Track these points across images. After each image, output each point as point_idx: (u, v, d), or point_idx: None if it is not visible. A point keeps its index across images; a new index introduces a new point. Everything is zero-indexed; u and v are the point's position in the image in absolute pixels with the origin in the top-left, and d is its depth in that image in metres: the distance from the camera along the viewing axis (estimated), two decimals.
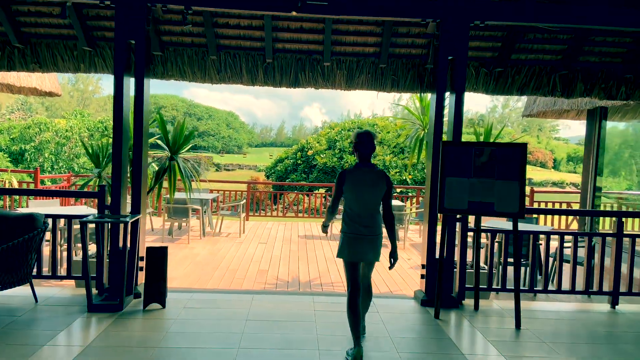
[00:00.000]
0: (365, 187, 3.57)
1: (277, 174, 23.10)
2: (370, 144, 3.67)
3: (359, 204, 3.57)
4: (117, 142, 4.75)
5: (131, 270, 4.69)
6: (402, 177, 20.35)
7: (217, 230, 10.00)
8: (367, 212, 3.58)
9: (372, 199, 3.58)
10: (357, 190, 3.57)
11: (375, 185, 3.58)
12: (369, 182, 3.59)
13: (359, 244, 3.57)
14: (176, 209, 8.73)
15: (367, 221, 3.56)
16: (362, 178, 3.60)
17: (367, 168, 3.65)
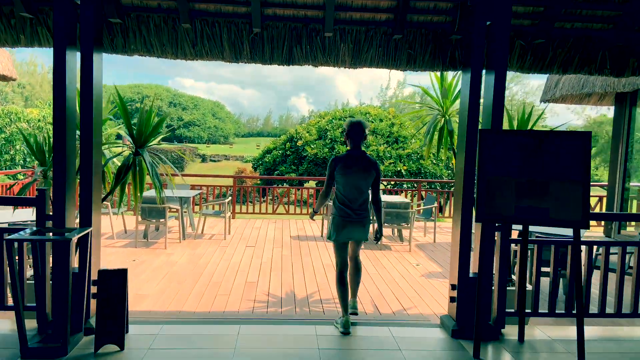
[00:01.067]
0: (355, 173, 3.83)
1: (265, 165, 21.97)
2: (361, 132, 3.95)
3: (349, 189, 3.84)
4: (59, 135, 3.65)
5: (79, 300, 3.62)
6: (396, 168, 19.39)
7: (200, 232, 8.91)
8: (357, 197, 3.85)
9: (362, 184, 3.86)
10: (348, 176, 3.84)
11: (366, 172, 3.85)
12: (360, 168, 3.85)
13: (348, 226, 3.87)
14: (151, 209, 7.61)
15: (357, 205, 3.86)
16: (353, 164, 3.86)
17: (358, 155, 3.90)
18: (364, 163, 3.88)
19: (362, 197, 3.89)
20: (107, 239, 8.16)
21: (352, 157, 3.89)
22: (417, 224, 10.09)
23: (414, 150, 20.06)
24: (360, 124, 3.94)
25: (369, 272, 6.53)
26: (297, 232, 9.40)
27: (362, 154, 3.93)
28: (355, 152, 3.93)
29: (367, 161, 3.90)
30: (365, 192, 3.90)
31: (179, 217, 8.03)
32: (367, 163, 3.89)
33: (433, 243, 8.67)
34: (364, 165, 3.87)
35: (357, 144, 3.94)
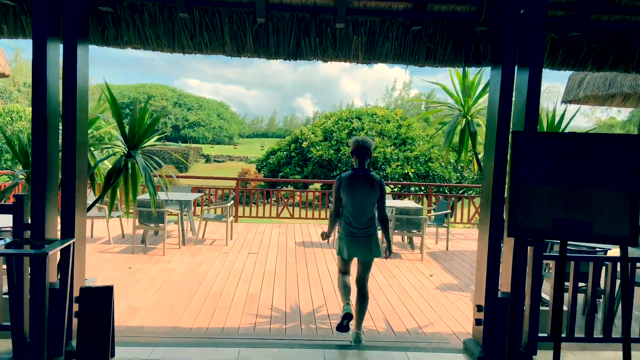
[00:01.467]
0: (360, 192, 3.85)
1: (269, 167, 21.58)
2: (366, 152, 3.95)
3: (354, 208, 3.87)
4: (39, 137, 3.25)
5: (59, 320, 3.22)
6: (404, 170, 18.95)
7: (200, 237, 8.51)
8: (362, 215, 3.87)
9: (367, 203, 3.87)
10: (353, 195, 3.86)
11: (370, 191, 3.87)
12: (364, 187, 3.86)
13: (355, 244, 3.90)
14: (149, 213, 7.22)
15: (362, 223, 3.88)
16: (358, 183, 3.87)
17: (362, 173, 3.92)
18: (368, 182, 3.89)
19: (367, 215, 3.90)
20: (103, 243, 7.77)
21: (356, 176, 3.91)
22: (428, 230, 9.65)
23: (422, 152, 19.62)
24: (365, 144, 3.96)
25: (379, 283, 6.10)
26: (302, 237, 8.99)
27: (367, 173, 3.94)
28: (359, 171, 3.95)
29: (372, 180, 3.90)
30: (370, 211, 3.92)
31: (178, 221, 7.63)
32: (371, 182, 3.89)
33: (446, 251, 8.24)
34: (369, 184, 3.89)
35: (361, 163, 3.97)
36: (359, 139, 3.96)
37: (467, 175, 20.47)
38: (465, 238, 9.61)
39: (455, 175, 19.86)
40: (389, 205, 8.16)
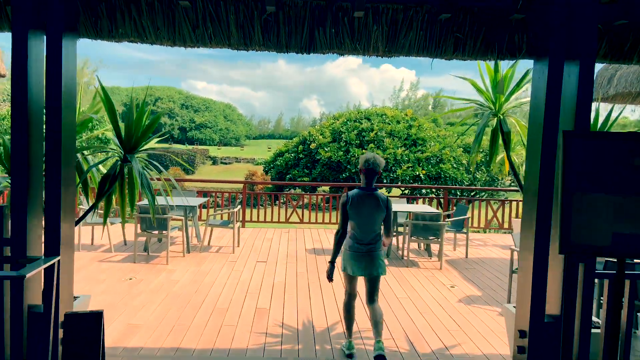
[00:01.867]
0: (366, 212, 3.83)
1: (276, 169, 21.20)
2: (375, 172, 3.91)
3: (361, 227, 3.85)
4: (19, 138, 2.86)
5: (44, 347, 2.82)
6: (415, 172, 18.48)
7: (206, 243, 8.12)
8: (368, 234, 3.86)
9: (373, 222, 3.86)
10: (360, 215, 3.84)
11: (377, 209, 3.85)
12: (371, 206, 3.84)
13: (360, 261, 3.87)
14: (151, 220, 6.83)
15: (368, 241, 3.86)
16: (365, 202, 3.84)
17: (369, 193, 3.88)
18: (374, 201, 3.86)
19: (373, 233, 3.89)
20: (104, 251, 7.40)
21: (363, 195, 3.88)
22: (445, 235, 9.18)
23: (433, 154, 19.14)
24: (375, 167, 3.91)
25: (398, 295, 5.67)
26: (313, 243, 8.57)
27: (373, 192, 3.91)
28: (367, 189, 3.91)
29: (378, 199, 3.87)
30: (376, 229, 3.90)
31: (182, 228, 7.24)
32: (377, 201, 3.87)
33: (465, 259, 7.78)
34: (375, 204, 3.86)
35: (369, 183, 3.93)
36: (370, 160, 3.90)
37: (479, 176, 19.96)
38: (484, 244, 9.14)
39: (468, 177, 19.36)
40: (403, 210, 7.73)
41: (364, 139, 19.41)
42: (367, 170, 3.90)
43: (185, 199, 7.94)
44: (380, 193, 3.93)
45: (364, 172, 3.93)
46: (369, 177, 3.91)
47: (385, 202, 3.88)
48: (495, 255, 8.12)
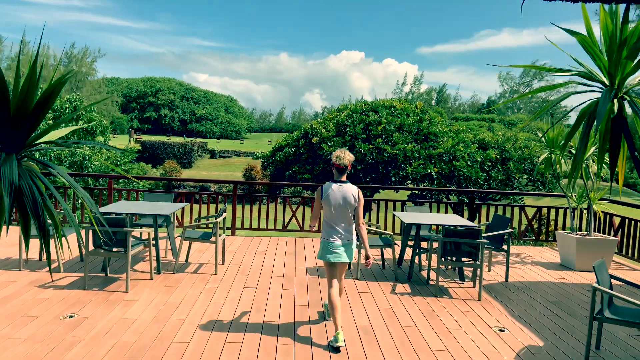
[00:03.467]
0: (339, 202, 4.22)
1: (275, 164, 19.64)
2: (346, 168, 4.28)
3: (334, 216, 4.26)
4: None
5: None
6: (426, 170, 16.90)
7: (183, 260, 6.59)
8: (341, 222, 4.27)
9: (345, 211, 4.24)
10: (333, 205, 4.23)
11: (348, 200, 4.21)
12: (343, 197, 4.22)
13: (335, 248, 4.26)
14: (108, 234, 5.28)
15: (341, 229, 4.27)
16: (338, 193, 4.23)
17: (341, 184, 4.27)
18: (347, 192, 4.22)
19: (345, 222, 4.26)
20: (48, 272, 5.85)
21: (336, 187, 4.24)
22: None
23: (446, 149, 17.54)
24: (345, 164, 4.25)
25: (431, 345, 4.13)
26: (314, 259, 7.03)
27: (345, 183, 4.28)
28: (339, 181, 4.27)
29: (350, 190, 4.24)
30: (348, 218, 4.26)
31: (150, 243, 5.69)
32: (349, 192, 4.23)
33: (505, 283, 6.24)
34: (347, 194, 4.21)
35: (340, 175, 4.27)
36: (341, 156, 4.25)
37: (494, 175, 18.39)
38: (521, 261, 7.59)
39: (483, 175, 17.79)
40: (428, 223, 6.19)
41: (371, 133, 17.83)
42: (337, 165, 4.26)
43: (157, 206, 6.39)
44: (351, 185, 4.28)
45: (335, 167, 4.28)
46: (339, 172, 4.27)
47: (356, 192, 4.25)
48: (540, 278, 6.57)
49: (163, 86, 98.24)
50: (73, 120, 20.27)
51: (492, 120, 68.55)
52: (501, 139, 20.08)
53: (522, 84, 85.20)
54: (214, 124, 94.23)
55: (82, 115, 20.38)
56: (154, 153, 43.23)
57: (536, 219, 8.81)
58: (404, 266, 6.79)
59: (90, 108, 20.92)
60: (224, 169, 42.75)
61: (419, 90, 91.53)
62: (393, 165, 17.26)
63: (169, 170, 37.46)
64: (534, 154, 19.61)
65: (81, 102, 20.65)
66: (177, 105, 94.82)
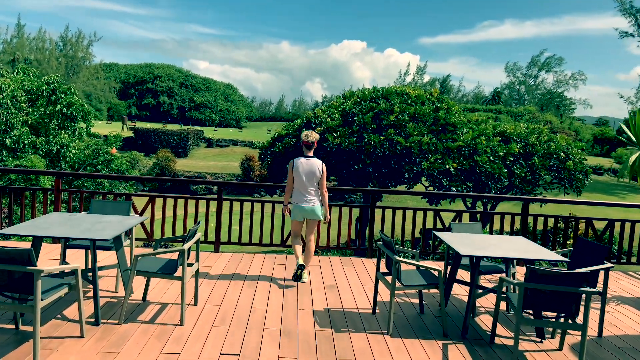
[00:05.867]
0: (307, 173, 5.32)
1: (274, 155, 17.68)
2: (312, 145, 5.43)
3: (302, 184, 5.35)
4: None
5: None
6: (445, 165, 14.95)
7: (140, 298, 4.68)
8: (308, 190, 5.36)
9: (311, 181, 5.35)
10: (302, 175, 5.33)
11: (313, 171, 5.34)
12: (310, 169, 5.33)
13: (304, 209, 5.38)
14: (4, 273, 3.34)
15: (308, 195, 5.37)
16: (305, 166, 5.34)
17: (308, 159, 5.39)
18: (313, 165, 5.35)
19: (311, 188, 5.36)
20: None
21: (304, 161, 5.37)
22: None
23: (465, 142, 15.56)
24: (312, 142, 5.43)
25: None
26: (324, 290, 5.11)
27: (312, 158, 5.42)
28: (307, 156, 5.40)
29: (316, 163, 5.37)
30: (313, 186, 5.38)
31: (79, 285, 3.76)
32: (315, 165, 5.36)
33: (597, 338, 4.34)
34: (313, 167, 5.34)
35: (309, 150, 5.42)
36: (308, 135, 5.41)
37: (517, 171, 16.44)
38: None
39: (505, 171, 15.84)
40: (499, 257, 4.26)
41: (382, 123, 15.85)
42: (306, 142, 5.39)
43: (101, 222, 4.46)
44: (317, 160, 5.42)
45: (304, 144, 5.40)
46: (307, 148, 5.40)
47: (321, 166, 5.38)
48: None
49: (162, 73, 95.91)
50: (50, 104, 18.30)
51: (499, 111, 66.49)
52: (524, 131, 18.12)
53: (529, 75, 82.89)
54: (213, 112, 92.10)
55: (62, 98, 18.37)
56: (148, 141, 41.18)
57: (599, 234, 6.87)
58: (450, 309, 4.89)
59: (70, 91, 18.87)
60: (221, 158, 40.76)
61: (422, 81, 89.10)
62: (407, 159, 15.31)
63: (162, 159, 35.46)
64: (560, 148, 17.70)
65: (60, 84, 18.60)
66: (175, 92, 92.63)
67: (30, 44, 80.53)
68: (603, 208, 26.23)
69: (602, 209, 26.16)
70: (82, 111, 18.91)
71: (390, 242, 4.17)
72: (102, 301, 4.54)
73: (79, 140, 18.78)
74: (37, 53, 79.20)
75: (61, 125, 18.78)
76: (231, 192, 31.98)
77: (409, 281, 4.21)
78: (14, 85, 17.15)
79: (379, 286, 4.72)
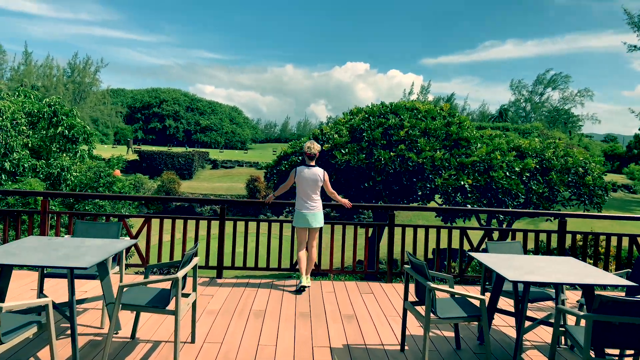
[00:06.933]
0: (309, 181, 5.60)
1: (280, 175, 17.08)
2: (315, 156, 5.71)
3: (304, 191, 5.61)
4: None
5: None
6: (459, 182, 14.28)
7: (129, 336, 4.02)
8: (310, 196, 5.62)
9: (313, 188, 5.62)
10: (304, 182, 5.60)
11: (315, 178, 5.61)
12: (312, 177, 5.61)
13: (307, 216, 5.59)
14: None
15: (310, 201, 5.62)
16: (308, 174, 5.61)
17: (310, 167, 5.66)
18: (315, 173, 5.62)
19: (313, 195, 5.62)
20: None
21: (306, 169, 5.63)
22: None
23: (480, 157, 14.92)
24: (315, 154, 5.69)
25: None
26: (342, 319, 4.42)
27: (314, 167, 5.68)
28: (310, 166, 5.67)
29: (317, 172, 5.64)
30: (315, 192, 5.64)
31: (50, 326, 3.13)
32: (316, 173, 5.63)
33: None
34: (315, 175, 5.61)
35: (311, 160, 5.69)
36: (311, 147, 5.66)
37: (535, 187, 15.72)
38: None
39: (523, 188, 15.13)
40: (553, 282, 3.57)
41: (392, 139, 15.26)
42: (308, 154, 5.66)
43: (82, 247, 3.85)
44: (318, 168, 5.69)
45: (307, 155, 5.67)
46: (310, 158, 5.67)
47: (322, 174, 5.67)
48: None
49: (168, 97, 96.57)
50: (51, 126, 17.91)
51: (506, 129, 65.81)
52: (539, 146, 17.46)
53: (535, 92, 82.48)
54: (218, 135, 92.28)
55: (63, 120, 17.98)
56: (152, 163, 40.81)
57: None
58: (491, 344, 4.16)
59: (71, 112, 18.49)
60: (226, 180, 40.26)
61: (426, 100, 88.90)
62: (420, 175, 14.65)
63: (167, 181, 34.97)
64: (578, 163, 17.00)
65: (62, 106, 18.23)
66: (181, 116, 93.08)
67: (37, 71, 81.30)
68: (622, 224, 25.36)
69: (621, 225, 25.31)
70: (84, 133, 18.48)
71: (422, 265, 3.51)
72: (84, 340, 3.89)
73: (80, 163, 18.30)
74: (44, 80, 79.91)
75: (62, 147, 18.34)
76: (236, 213, 31.34)
77: (446, 312, 3.52)
78: (14, 108, 16.76)
79: (407, 317, 4.03)
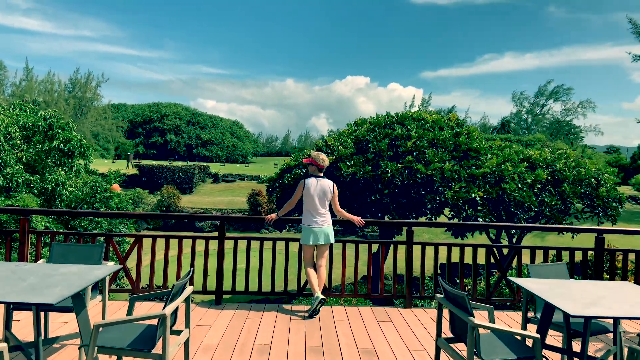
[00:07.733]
0: (318, 193, 5.25)
1: (282, 188, 16.47)
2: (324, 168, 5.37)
3: (313, 205, 5.25)
4: None
5: None
6: (470, 194, 13.65)
7: None
8: (319, 211, 5.25)
9: (323, 200, 5.26)
10: (314, 195, 5.24)
11: (325, 191, 5.29)
12: (322, 189, 5.27)
13: (316, 232, 5.21)
14: None
15: (319, 216, 5.25)
16: (317, 186, 5.27)
17: (320, 179, 5.33)
18: (324, 185, 5.29)
19: (322, 209, 5.26)
20: None
21: (315, 181, 5.30)
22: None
23: (490, 169, 14.32)
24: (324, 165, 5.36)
25: None
26: (359, 355, 3.79)
27: (323, 178, 5.35)
28: (319, 177, 5.34)
29: (327, 183, 5.33)
30: (325, 206, 5.28)
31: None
32: (326, 185, 5.31)
33: None
34: (325, 187, 5.28)
35: (320, 172, 5.37)
36: (324, 160, 5.37)
37: (547, 200, 15.07)
38: None
39: (536, 200, 14.50)
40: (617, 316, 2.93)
41: (399, 150, 14.69)
42: (320, 166, 5.33)
43: (55, 275, 3.24)
44: (327, 179, 5.36)
45: (317, 167, 5.33)
46: (320, 170, 5.34)
47: (332, 186, 5.39)
48: None
49: (169, 111, 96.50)
50: (46, 140, 17.37)
51: (509, 140, 65.24)
52: (550, 156, 16.86)
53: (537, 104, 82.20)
54: (219, 149, 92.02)
55: (59, 133, 17.44)
56: (152, 178, 40.24)
57: None
58: None
59: (67, 126, 17.96)
60: (227, 194, 39.65)
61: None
62: (429, 188, 14.03)
63: (167, 195, 34.36)
64: (591, 174, 16.38)
65: (57, 119, 17.72)
66: (182, 130, 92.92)
67: (38, 87, 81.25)
68: (633, 238, 24.64)
69: (632, 239, 24.58)
70: (80, 147, 17.93)
71: (462, 297, 2.89)
72: None
73: (76, 178, 17.72)
74: (45, 95, 79.81)
75: (58, 162, 17.78)
76: (237, 228, 30.64)
77: (491, 353, 2.89)
78: (7, 121, 16.23)
79: (440, 357, 3.39)
